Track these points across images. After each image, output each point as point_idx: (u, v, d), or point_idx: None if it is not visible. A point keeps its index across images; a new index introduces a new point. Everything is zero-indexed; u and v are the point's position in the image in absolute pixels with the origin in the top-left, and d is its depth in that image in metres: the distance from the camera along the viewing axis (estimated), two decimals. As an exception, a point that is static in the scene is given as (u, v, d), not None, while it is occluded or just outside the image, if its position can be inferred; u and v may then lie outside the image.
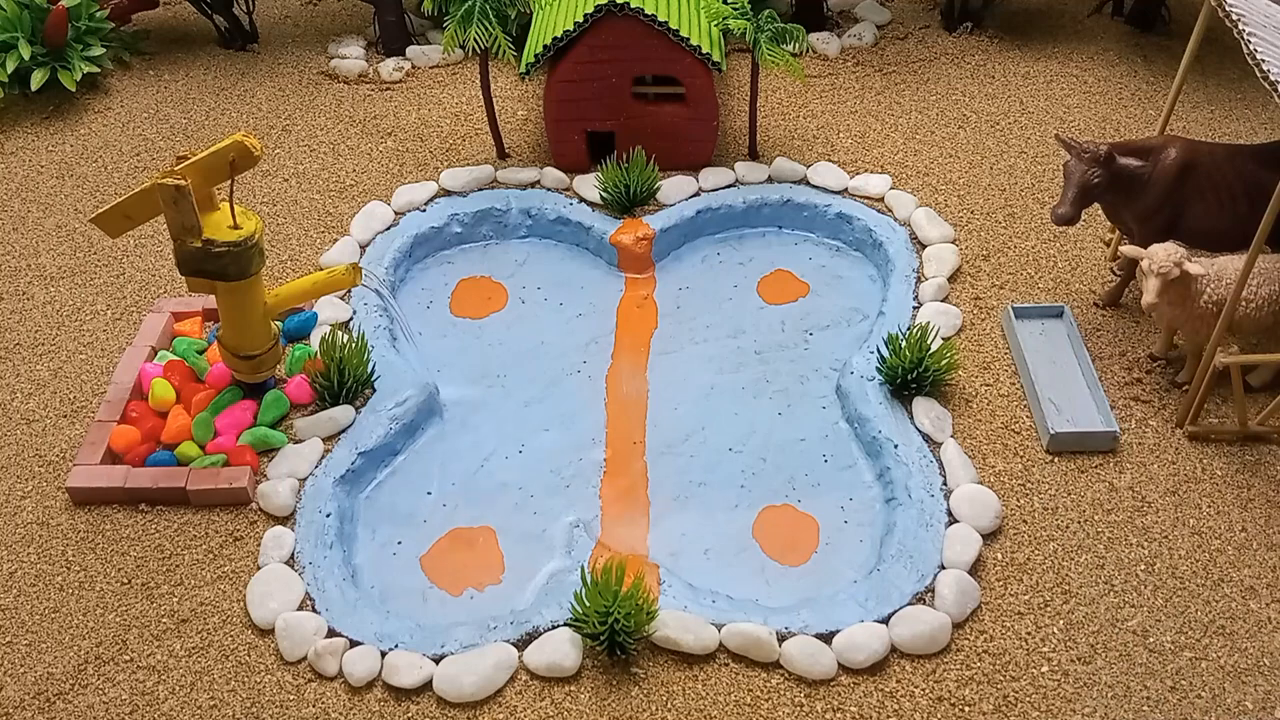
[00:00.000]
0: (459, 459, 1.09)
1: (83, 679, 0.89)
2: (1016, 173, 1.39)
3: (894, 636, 0.90)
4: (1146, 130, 1.48)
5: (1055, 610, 0.93)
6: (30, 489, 1.04)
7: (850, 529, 1.02)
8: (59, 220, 1.35)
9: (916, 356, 1.08)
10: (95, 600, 0.94)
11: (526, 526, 1.03)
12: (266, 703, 0.87)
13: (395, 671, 0.88)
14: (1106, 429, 1.04)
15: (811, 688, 0.87)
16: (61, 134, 1.49)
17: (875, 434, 1.06)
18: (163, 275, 1.27)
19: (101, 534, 0.99)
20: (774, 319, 1.23)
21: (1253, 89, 1.55)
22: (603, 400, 1.13)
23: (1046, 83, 1.57)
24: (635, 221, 1.30)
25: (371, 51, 1.68)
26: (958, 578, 0.94)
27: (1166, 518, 1.00)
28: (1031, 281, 1.23)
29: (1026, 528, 0.99)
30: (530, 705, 0.86)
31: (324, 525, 0.98)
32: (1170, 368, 1.13)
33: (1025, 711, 0.86)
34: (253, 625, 0.92)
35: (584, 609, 0.88)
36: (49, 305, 1.23)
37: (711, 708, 0.85)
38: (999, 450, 1.05)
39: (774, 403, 1.13)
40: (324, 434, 1.06)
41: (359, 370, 1.09)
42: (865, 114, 1.49)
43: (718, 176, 1.38)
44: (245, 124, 1.50)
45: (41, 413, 1.11)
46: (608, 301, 1.26)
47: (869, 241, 1.30)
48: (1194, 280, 1.03)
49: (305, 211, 1.35)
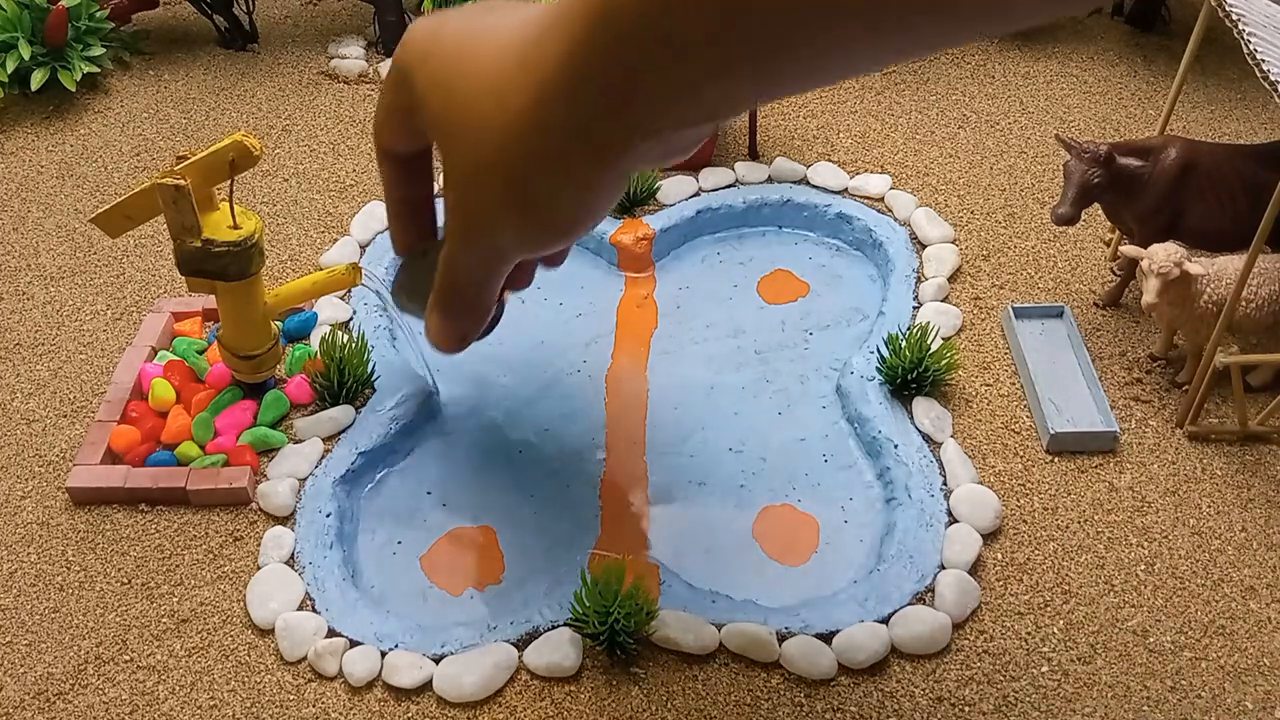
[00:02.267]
0: (459, 459, 1.09)
1: (83, 679, 0.89)
2: (1016, 173, 1.39)
3: (894, 636, 0.90)
4: (1146, 130, 1.48)
5: (1055, 610, 0.92)
6: (30, 489, 1.03)
7: (850, 529, 1.01)
8: (59, 220, 1.35)
9: (916, 356, 1.07)
10: (95, 600, 0.94)
11: (527, 526, 1.03)
12: (266, 703, 0.86)
13: (395, 671, 0.88)
14: (1106, 429, 1.04)
15: (811, 688, 0.87)
16: (61, 134, 1.49)
17: (875, 434, 1.05)
18: (163, 275, 1.26)
19: (101, 534, 0.99)
20: (774, 319, 1.23)
21: (1253, 89, 1.55)
22: (603, 400, 1.13)
23: (1046, 83, 1.57)
24: (635, 221, 1.30)
25: (371, 51, 1.67)
26: (958, 578, 0.93)
27: (1166, 518, 1.00)
28: (1031, 281, 1.23)
29: (1026, 528, 0.99)
30: (530, 705, 0.86)
31: (324, 525, 0.98)
32: (1170, 368, 1.13)
33: (1025, 711, 0.86)
34: (253, 625, 0.92)
35: (584, 609, 0.88)
36: (49, 305, 1.23)
37: (711, 708, 0.85)
38: (999, 450, 1.05)
39: (774, 402, 1.13)
40: (324, 434, 1.06)
41: (359, 370, 1.09)
42: (865, 114, 1.49)
43: (718, 176, 1.37)
44: (245, 124, 1.50)
45: (41, 413, 1.11)
46: (607, 301, 1.25)
47: (869, 241, 1.29)
48: (1194, 280, 1.03)
49: (305, 211, 1.34)
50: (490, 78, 0.53)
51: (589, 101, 0.47)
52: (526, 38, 0.50)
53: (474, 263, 0.65)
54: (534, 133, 0.51)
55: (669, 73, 0.42)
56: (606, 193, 0.55)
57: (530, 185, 0.54)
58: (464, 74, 0.55)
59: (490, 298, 0.72)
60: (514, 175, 0.54)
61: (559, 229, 0.58)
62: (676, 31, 0.38)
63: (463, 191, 0.59)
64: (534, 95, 0.50)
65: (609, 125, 0.47)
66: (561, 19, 0.47)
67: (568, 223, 0.57)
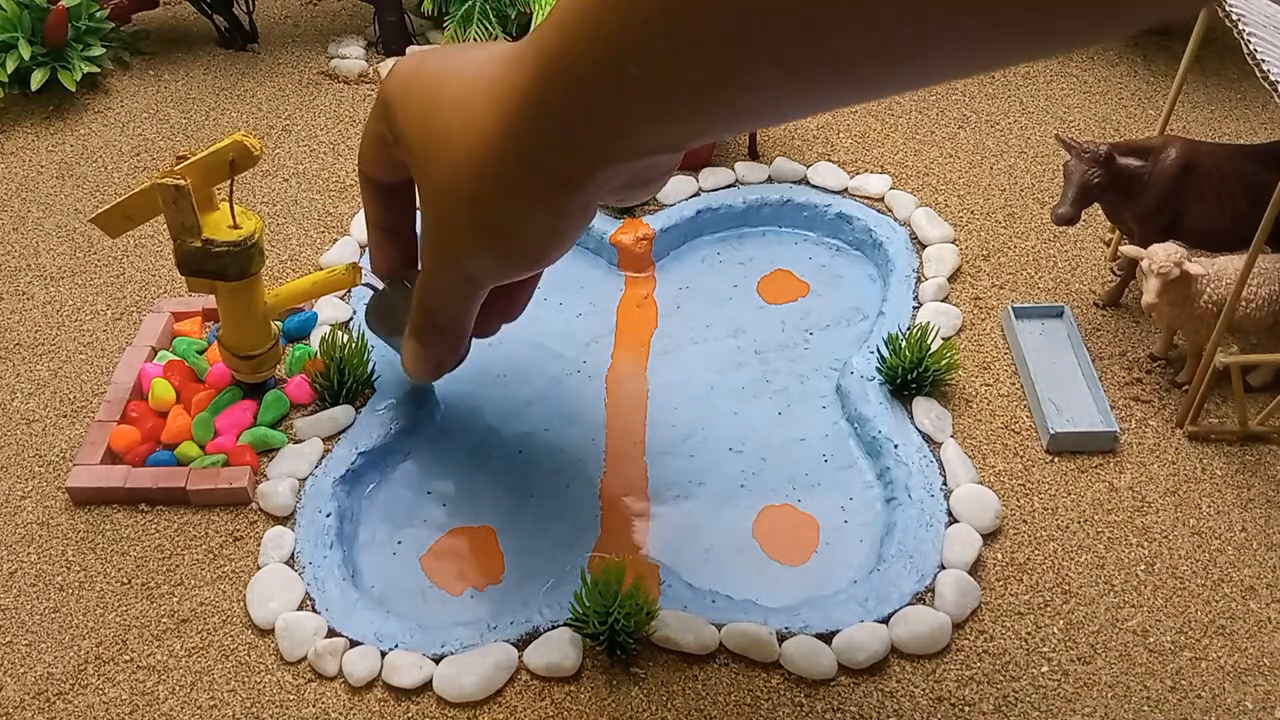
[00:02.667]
0: (459, 459, 1.09)
1: (83, 679, 0.89)
2: (1016, 173, 1.39)
3: (894, 636, 0.90)
4: (1146, 130, 1.48)
5: (1055, 610, 0.92)
6: (30, 489, 1.03)
7: (850, 529, 1.01)
8: (59, 220, 1.35)
9: (916, 356, 1.07)
10: (95, 600, 0.94)
11: (527, 526, 1.03)
12: (266, 703, 0.86)
13: (395, 671, 0.88)
14: (1106, 429, 1.04)
15: (811, 688, 0.87)
16: (61, 134, 1.49)
17: (875, 434, 1.05)
18: (163, 275, 1.26)
19: (101, 534, 0.99)
20: (774, 319, 1.23)
21: (1253, 89, 1.54)
22: (602, 400, 1.13)
23: (1046, 83, 1.57)
24: (635, 221, 1.30)
25: (371, 51, 1.67)
26: (958, 578, 0.93)
27: (1166, 518, 0.99)
28: (1031, 281, 1.23)
29: (1026, 528, 0.99)
30: (530, 705, 0.86)
31: (324, 525, 0.98)
32: (1170, 368, 1.13)
33: (1025, 711, 0.86)
34: (253, 625, 0.92)
35: (584, 609, 0.88)
36: (49, 305, 1.23)
37: (711, 708, 0.85)
38: (999, 450, 1.05)
39: (774, 402, 1.13)
40: (324, 434, 1.06)
41: (359, 370, 1.09)
42: (865, 114, 1.49)
43: (717, 176, 1.37)
44: (245, 124, 1.50)
45: (41, 413, 1.11)
46: (608, 301, 1.25)
47: (869, 241, 1.29)
48: (1194, 280, 1.03)
49: (305, 211, 1.34)
50: (463, 109, 0.54)
51: (548, 133, 0.49)
52: (496, 72, 0.52)
53: (448, 289, 0.66)
54: (500, 161, 0.53)
55: (619, 110, 0.44)
56: (572, 220, 0.57)
57: (498, 211, 0.55)
58: (440, 105, 0.56)
59: (465, 326, 0.73)
60: (484, 202, 0.55)
61: (527, 255, 0.60)
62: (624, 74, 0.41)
63: (437, 218, 0.60)
64: (500, 125, 0.52)
65: (568, 155, 0.50)
66: (525, 55, 0.49)
67: (535, 249, 0.59)
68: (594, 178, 0.50)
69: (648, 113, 0.43)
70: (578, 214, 0.55)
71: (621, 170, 0.51)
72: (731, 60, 0.36)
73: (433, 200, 0.58)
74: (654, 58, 0.39)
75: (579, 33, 0.42)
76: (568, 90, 0.45)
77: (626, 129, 0.45)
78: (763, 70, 0.36)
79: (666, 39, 0.38)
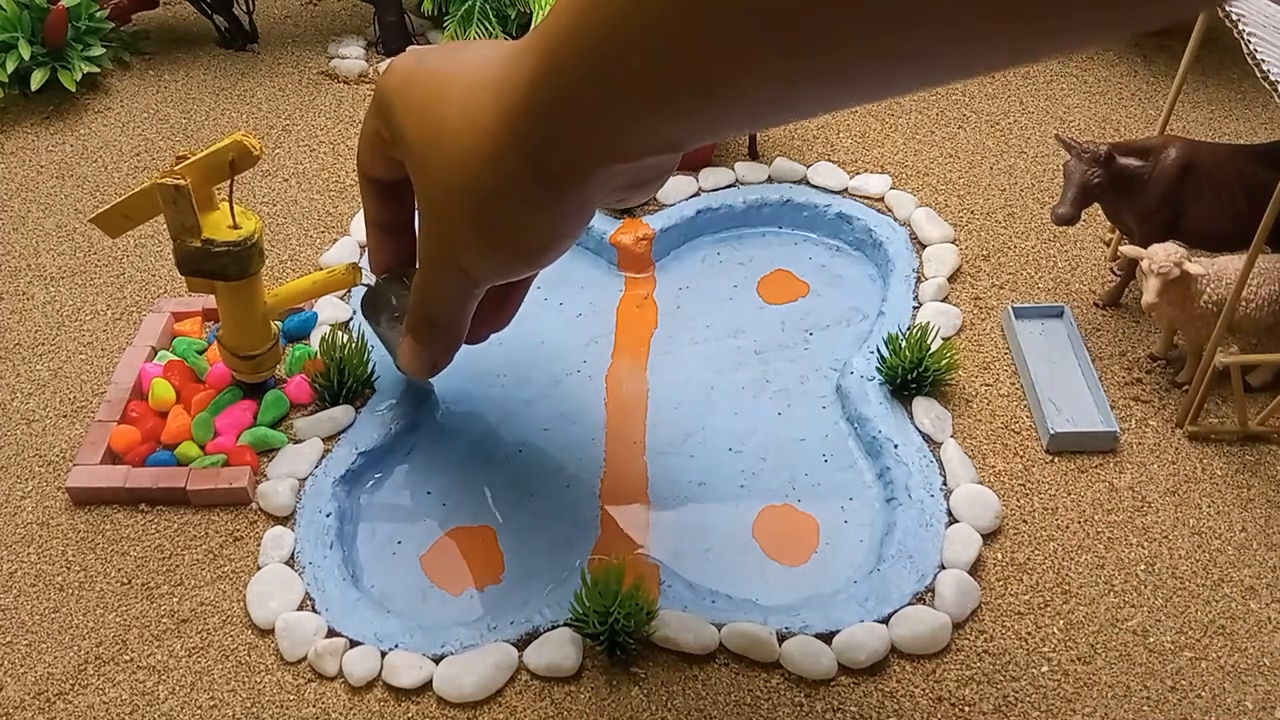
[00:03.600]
0: (459, 458, 1.09)
1: (83, 679, 0.89)
2: (1016, 173, 1.39)
3: (894, 636, 0.90)
4: (1146, 130, 1.48)
5: (1055, 610, 0.92)
6: (30, 489, 1.03)
7: (850, 529, 1.01)
8: (59, 220, 1.35)
9: (916, 356, 1.07)
10: (95, 600, 0.94)
11: (526, 526, 1.03)
12: (266, 703, 0.86)
13: (395, 671, 0.88)
14: (1106, 429, 1.04)
15: (811, 688, 0.87)
16: (61, 134, 1.49)
17: (875, 434, 1.05)
18: (163, 275, 1.26)
19: (101, 534, 0.99)
20: (774, 319, 1.23)
21: (1253, 89, 1.54)
22: (602, 400, 1.13)
23: (1046, 82, 1.57)
24: (635, 221, 1.30)
25: (371, 51, 1.67)
26: (958, 578, 0.93)
27: (1166, 518, 0.99)
28: (1031, 281, 1.23)
29: (1026, 528, 0.99)
30: (530, 705, 0.86)
31: (324, 525, 0.98)
32: (1170, 368, 1.13)
33: (1025, 711, 0.86)
34: (253, 625, 0.92)
35: (584, 609, 0.88)
36: (49, 305, 1.23)
37: (711, 708, 0.85)
38: (999, 450, 1.05)
39: (774, 402, 1.13)
40: (324, 434, 1.06)
41: (359, 370, 1.09)
42: (865, 114, 1.49)
43: (717, 176, 1.37)
44: (245, 124, 1.50)
45: (41, 413, 1.11)
46: (608, 301, 1.25)
47: (869, 241, 1.29)
48: (1194, 280, 1.03)
49: (305, 211, 1.34)
50: (463, 107, 0.54)
51: (549, 131, 0.49)
52: (497, 70, 0.52)
53: (446, 287, 0.66)
54: (500, 160, 0.53)
55: (622, 106, 0.44)
56: (571, 220, 0.57)
57: (498, 210, 0.55)
58: (439, 103, 0.56)
59: (462, 325, 0.72)
60: (483, 201, 0.55)
61: (526, 254, 0.59)
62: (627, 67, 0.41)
63: (435, 216, 0.60)
64: (501, 123, 0.52)
65: (569, 154, 0.50)
66: (527, 53, 0.49)
67: (534, 248, 0.59)
68: (595, 177, 0.50)
69: (650, 109, 0.43)
70: (577, 213, 0.55)
71: (622, 170, 0.51)
72: (736, 48, 0.36)
73: (431, 199, 0.58)
74: (658, 48, 0.38)
75: (582, 24, 0.42)
76: (570, 87, 0.45)
77: (628, 126, 0.45)
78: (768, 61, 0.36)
79: (671, 26, 0.37)
